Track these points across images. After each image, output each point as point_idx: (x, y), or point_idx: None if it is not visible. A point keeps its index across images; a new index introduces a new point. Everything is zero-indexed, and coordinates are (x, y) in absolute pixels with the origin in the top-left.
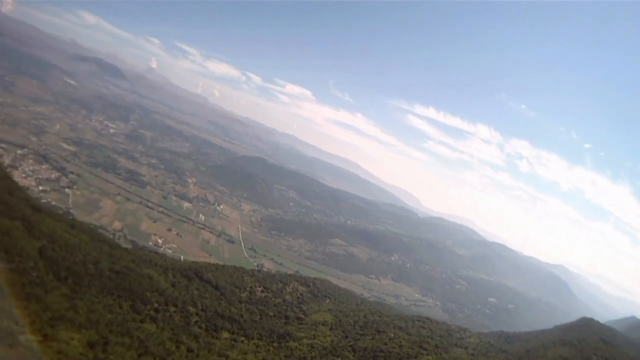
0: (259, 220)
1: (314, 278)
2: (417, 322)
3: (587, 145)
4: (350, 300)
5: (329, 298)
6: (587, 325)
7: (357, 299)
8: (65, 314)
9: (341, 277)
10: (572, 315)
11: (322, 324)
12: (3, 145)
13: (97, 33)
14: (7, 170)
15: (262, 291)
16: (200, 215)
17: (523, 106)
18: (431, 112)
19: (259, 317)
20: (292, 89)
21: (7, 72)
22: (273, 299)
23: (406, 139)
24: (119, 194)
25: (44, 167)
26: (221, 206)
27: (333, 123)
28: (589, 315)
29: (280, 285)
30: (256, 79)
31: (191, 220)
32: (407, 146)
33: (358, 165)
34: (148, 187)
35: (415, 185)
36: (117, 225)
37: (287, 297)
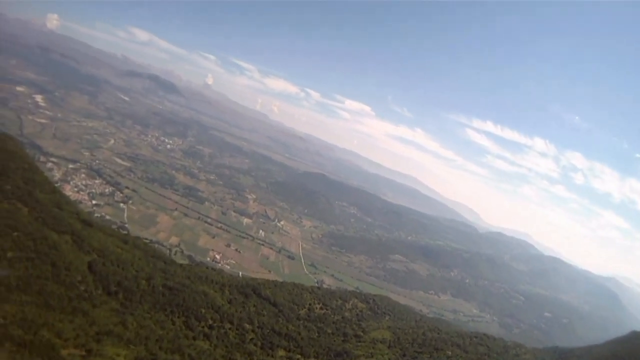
0: (320, 236)
1: (374, 295)
2: (474, 339)
3: (638, 155)
4: (409, 317)
5: (389, 315)
6: (637, 339)
7: (416, 315)
8: (113, 329)
9: (401, 294)
10: (623, 328)
11: (381, 342)
12: (54, 159)
13: (149, 49)
14: (58, 184)
15: (321, 308)
16: (260, 231)
17: (577, 117)
18: (489, 126)
19: (316, 334)
20: (352, 104)
21: (57, 87)
22: (332, 316)
23: (465, 153)
24: (176, 210)
25: (97, 181)
26: (282, 222)
27: (393, 138)
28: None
29: (339, 302)
30: (315, 95)
31: (251, 236)
32: (467, 161)
33: (419, 180)
34: (206, 203)
35: (475, 200)
36: (173, 240)
37: (346, 314)
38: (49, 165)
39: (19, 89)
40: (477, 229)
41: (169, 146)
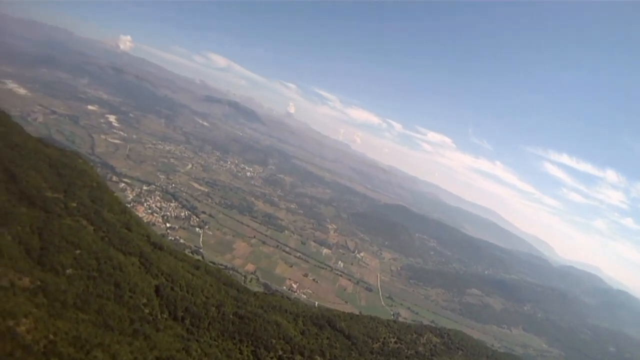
0: (399, 268)
1: (449, 329)
2: None
3: None
4: (481, 352)
5: (462, 350)
6: None
7: (488, 350)
8: (174, 355)
9: (475, 328)
10: None
11: None
12: (127, 180)
13: (228, 75)
14: (130, 205)
15: (395, 342)
16: (339, 262)
17: None
18: (564, 158)
19: None
20: (434, 136)
21: (132, 109)
22: (406, 350)
23: (542, 186)
24: (254, 237)
25: (172, 204)
26: (361, 254)
27: (473, 171)
28: None
29: (414, 336)
30: (397, 126)
31: (329, 266)
32: (543, 194)
33: (497, 213)
34: (286, 231)
35: (549, 233)
36: (250, 267)
37: (420, 348)
38: (122, 185)
39: (90, 107)
40: (550, 262)
41: (249, 173)
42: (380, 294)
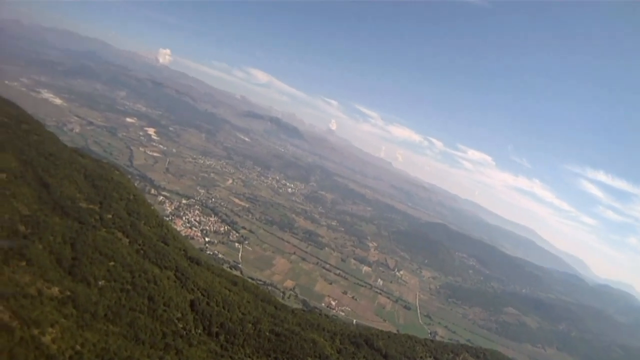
0: (438, 287)
1: (485, 349)
2: None
3: None
4: None
5: None
6: None
7: None
8: None
9: (510, 347)
10: None
11: None
12: (166, 193)
13: (269, 91)
14: (169, 218)
15: None
16: (379, 280)
17: None
18: (600, 176)
19: None
20: (474, 154)
21: (171, 122)
22: None
23: (579, 204)
24: (294, 253)
25: (212, 219)
26: (401, 272)
27: (512, 189)
28: None
29: (450, 355)
30: (438, 144)
31: (369, 284)
32: (580, 212)
33: (535, 231)
34: (326, 248)
35: (586, 251)
36: (288, 283)
37: None
38: (160, 198)
39: (129, 120)
40: (586, 281)
41: (290, 190)
42: (419, 312)
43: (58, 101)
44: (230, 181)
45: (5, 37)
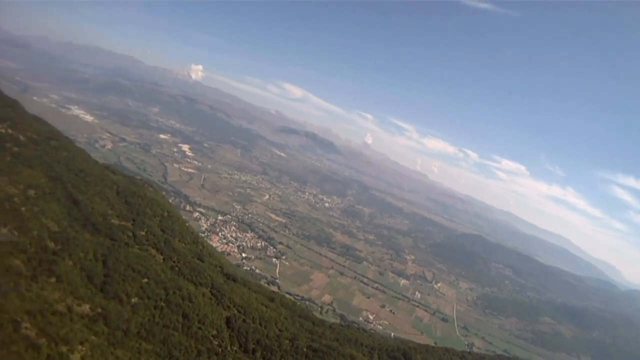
0: (474, 298)
1: (521, 359)
2: None
3: None
4: None
5: None
6: None
7: None
8: None
9: (545, 356)
10: None
11: None
12: (201, 209)
13: (303, 106)
14: (204, 234)
15: None
16: (417, 292)
17: None
18: (631, 181)
19: None
20: (508, 164)
21: (206, 138)
22: None
23: (610, 210)
24: (331, 268)
25: (248, 235)
26: (438, 284)
27: (546, 198)
28: None
29: None
30: (473, 155)
31: (406, 297)
32: (612, 218)
33: (568, 239)
34: (364, 262)
35: (617, 257)
36: (326, 298)
37: None
38: (196, 215)
39: (162, 136)
40: (618, 286)
41: (327, 204)
42: (456, 324)
43: (89, 118)
44: (267, 196)
45: (34, 55)
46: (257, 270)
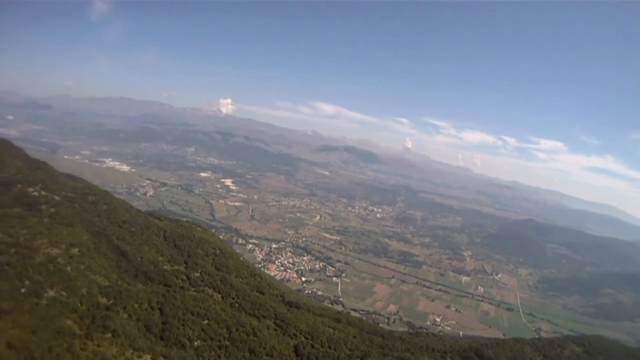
0: (535, 283)
1: (588, 336)
2: None
3: None
4: (618, 352)
5: (602, 354)
6: None
7: (624, 349)
8: None
9: (610, 327)
10: None
11: None
12: (254, 240)
13: (338, 122)
14: (261, 264)
15: None
16: (479, 287)
17: None
18: None
19: None
20: (546, 143)
21: (247, 170)
22: None
23: None
24: (392, 277)
25: (305, 258)
26: (499, 275)
27: (587, 170)
28: None
29: (558, 350)
30: (511, 140)
31: (470, 294)
32: None
33: (616, 207)
34: (423, 266)
35: None
36: (391, 308)
37: None
38: (250, 247)
39: (203, 174)
40: None
41: (378, 215)
42: (521, 311)
43: (125, 168)
44: (318, 217)
45: (58, 114)
46: (319, 292)
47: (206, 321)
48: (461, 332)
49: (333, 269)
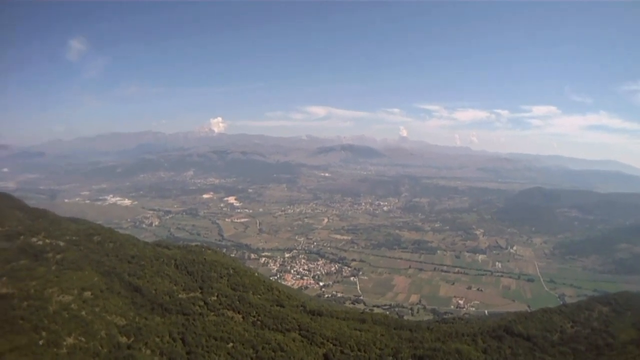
0: (551, 249)
1: (613, 293)
2: None
3: None
4: None
5: (630, 310)
6: None
7: None
8: None
9: (631, 281)
10: None
11: (629, 343)
12: (266, 253)
13: (332, 122)
14: (276, 276)
15: (571, 326)
16: (497, 263)
17: None
18: None
19: (572, 357)
20: (539, 110)
21: (249, 184)
22: (582, 330)
23: None
24: (409, 267)
25: (320, 263)
26: (514, 248)
27: (584, 129)
28: None
29: (586, 313)
30: (504, 112)
31: (488, 271)
32: None
33: (618, 161)
34: (438, 251)
35: None
36: (413, 299)
37: (595, 324)
38: (263, 260)
39: (205, 196)
40: None
41: (385, 208)
42: (542, 280)
43: (127, 202)
44: (326, 220)
45: (51, 160)
46: (339, 294)
47: (230, 344)
48: (486, 311)
49: (349, 268)
